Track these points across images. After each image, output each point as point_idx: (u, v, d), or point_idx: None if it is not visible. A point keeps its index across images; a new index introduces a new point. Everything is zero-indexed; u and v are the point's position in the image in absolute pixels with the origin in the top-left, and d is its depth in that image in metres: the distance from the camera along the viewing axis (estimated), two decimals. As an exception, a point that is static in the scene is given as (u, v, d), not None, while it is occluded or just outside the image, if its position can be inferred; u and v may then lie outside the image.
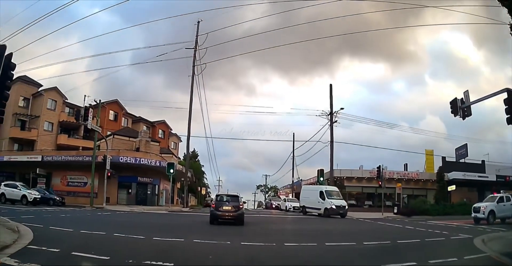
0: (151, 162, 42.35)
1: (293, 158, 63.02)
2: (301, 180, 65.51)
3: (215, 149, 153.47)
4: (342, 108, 41.60)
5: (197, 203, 74.01)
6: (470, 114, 18.19)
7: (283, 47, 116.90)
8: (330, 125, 41.21)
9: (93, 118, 35.79)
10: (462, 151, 51.90)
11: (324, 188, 34.81)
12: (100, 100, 40.73)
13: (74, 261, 8.49)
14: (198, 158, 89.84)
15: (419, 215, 35.94)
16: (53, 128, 54.81)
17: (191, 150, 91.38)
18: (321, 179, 42.48)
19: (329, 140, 41.15)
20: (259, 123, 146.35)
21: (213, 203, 20.78)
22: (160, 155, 47.17)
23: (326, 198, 32.02)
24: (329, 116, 41.49)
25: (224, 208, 19.58)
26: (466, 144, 51.75)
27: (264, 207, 66.85)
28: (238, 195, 21.16)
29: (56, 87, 54.22)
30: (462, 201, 42.34)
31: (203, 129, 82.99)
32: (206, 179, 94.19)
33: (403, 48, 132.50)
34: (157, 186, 46.41)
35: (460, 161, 51.88)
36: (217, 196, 21.86)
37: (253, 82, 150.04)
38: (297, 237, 15.29)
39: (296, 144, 59.02)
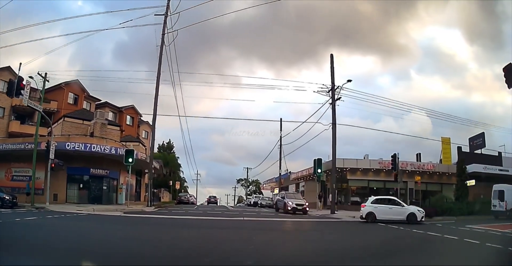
0: (105, 149, 35.12)
1: (280, 146, 56.53)
2: (289, 172, 60.14)
3: (195, 142, 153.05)
4: (349, 81, 34.70)
5: (171, 199, 67.93)
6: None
7: (270, 38, 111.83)
8: (331, 103, 34.31)
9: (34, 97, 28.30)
10: (478, 140, 47.07)
11: None
12: (46, 74, 33.70)
13: None
14: (174, 149, 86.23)
15: (441, 215, 30.87)
16: (4, 113, 47.27)
17: (166, 140, 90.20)
18: (319, 170, 35.57)
19: (331, 122, 34.26)
20: (244, 115, 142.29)
21: None
22: (121, 142, 39.94)
23: None
24: (330, 92, 34.51)
25: None
26: (483, 132, 47.03)
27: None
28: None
29: (9, 67, 46.50)
30: (479, 198, 37.40)
31: (183, 120, 75.38)
32: (183, 172, 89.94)
33: (393, 41, 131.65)
34: (116, 180, 38.80)
35: (475, 152, 46.29)
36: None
37: (238, 73, 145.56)
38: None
39: (287, 130, 52.06)
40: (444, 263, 10.31)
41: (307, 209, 32.72)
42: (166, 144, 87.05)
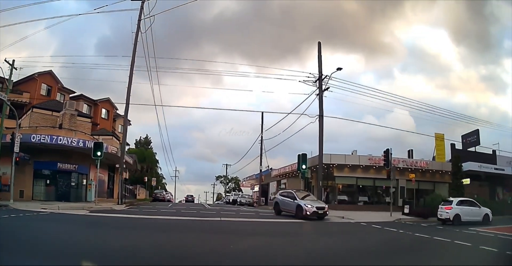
0: (72, 141, 32.13)
1: (261, 141, 54.03)
2: (271, 169, 57.41)
3: (175, 139, 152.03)
4: (339, 69, 32.16)
5: (148, 196, 65.02)
6: None
7: (253, 34, 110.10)
8: (318, 94, 31.95)
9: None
10: (471, 138, 45.45)
11: None
12: (13, 61, 31.15)
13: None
14: (151, 145, 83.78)
15: (436, 216, 27.75)
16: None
17: (143, 136, 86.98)
18: (303, 166, 32.88)
19: (318, 114, 31.87)
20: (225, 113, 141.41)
21: None
22: (93, 135, 37.13)
23: None
24: (317, 82, 32.12)
25: None
26: (478, 129, 45.33)
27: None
28: None
29: (-31, 52, 43.25)
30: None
31: (160, 112, 72.99)
32: (161, 168, 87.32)
33: (378, 40, 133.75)
34: (86, 176, 35.93)
35: (469, 150, 44.84)
36: None
37: (220, 69, 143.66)
38: None
39: (269, 126, 49.55)
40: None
41: (328, 212, 25.52)
42: (143, 139, 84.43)
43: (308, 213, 24.09)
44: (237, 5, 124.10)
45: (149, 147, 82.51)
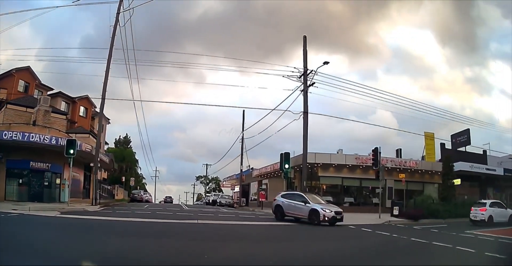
0: (45, 139, 30.32)
1: (242, 139, 52.43)
2: (252, 168, 56.01)
3: (156, 139, 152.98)
4: (326, 63, 30.74)
5: (126, 196, 63.26)
6: None
7: (237, 34, 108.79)
8: (303, 90, 30.69)
9: None
10: (461, 137, 44.65)
11: None
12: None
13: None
14: (131, 144, 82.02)
15: (427, 218, 27.92)
16: None
17: (123, 135, 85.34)
18: (286, 166, 31.27)
19: (302, 111, 30.59)
20: (207, 113, 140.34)
21: None
22: (68, 133, 35.50)
23: None
24: (301, 77, 30.83)
25: None
26: (468, 129, 44.57)
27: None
28: None
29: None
30: (464, 199, 35.65)
31: (143, 115, 71.66)
32: (140, 168, 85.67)
33: (362, 41, 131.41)
34: (60, 175, 34.21)
35: (459, 149, 44.14)
36: None
37: (203, 69, 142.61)
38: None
39: (254, 121, 48.15)
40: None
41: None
42: (123, 139, 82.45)
43: (326, 218, 21.44)
44: (221, 5, 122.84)
45: (129, 146, 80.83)
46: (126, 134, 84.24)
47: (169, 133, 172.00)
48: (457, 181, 34.24)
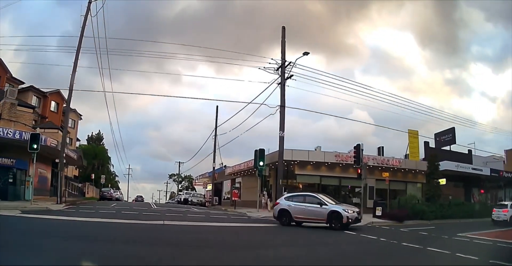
0: (8, 133, 28.29)
1: (215, 136, 50.24)
2: (224, 166, 54.50)
3: (131, 137, 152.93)
4: (306, 53, 29.11)
5: (97, 194, 61.28)
6: None
7: (214, 34, 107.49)
8: (280, 83, 29.43)
9: None
10: (446, 136, 44.20)
11: None
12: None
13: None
14: (103, 141, 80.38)
15: (412, 219, 26.41)
16: None
17: (92, 130, 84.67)
18: (261, 163, 29.66)
19: (279, 105, 29.17)
20: (181, 110, 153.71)
21: None
22: (35, 128, 33.58)
23: None
24: (279, 70, 29.47)
25: None
26: (454, 127, 44.46)
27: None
28: None
29: None
30: (448, 199, 34.02)
31: (115, 112, 69.75)
32: (113, 166, 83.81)
33: (341, 41, 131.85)
34: (26, 171, 32.21)
35: (443, 148, 44.05)
36: None
37: (179, 69, 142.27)
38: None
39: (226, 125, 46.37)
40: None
41: None
42: (95, 135, 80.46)
43: (350, 220, 19.10)
44: (199, 4, 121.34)
45: (101, 143, 78.99)
46: (99, 131, 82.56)
47: (144, 131, 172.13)
48: (443, 181, 33.13)
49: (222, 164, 55.09)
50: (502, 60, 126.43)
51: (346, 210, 19.35)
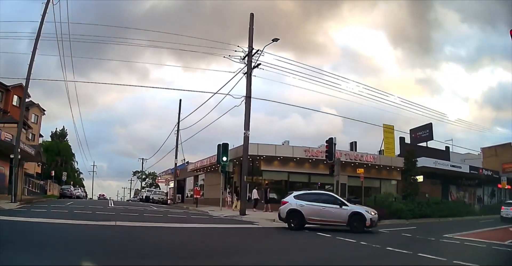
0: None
1: (177, 131, 48.00)
2: (187, 162, 52.19)
3: (97, 134, 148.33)
4: (276, 40, 26.06)
5: (59, 192, 57.85)
6: None
7: (182, 29, 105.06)
8: (246, 72, 26.70)
9: None
10: (423, 132, 42.99)
11: None
12: None
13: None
14: (67, 137, 76.71)
15: (389, 219, 23.87)
16: None
17: (60, 127, 79.42)
18: (224, 158, 27.72)
19: (245, 95, 26.34)
20: (148, 107, 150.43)
21: None
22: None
23: None
24: (245, 59, 26.71)
25: None
26: (431, 123, 42.61)
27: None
28: None
29: None
30: (425, 197, 32.41)
31: (78, 108, 66.40)
32: (77, 163, 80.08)
33: (310, 40, 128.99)
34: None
35: (419, 145, 42.33)
36: None
37: (146, 65, 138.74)
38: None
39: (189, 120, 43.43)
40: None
41: None
42: (59, 131, 76.64)
43: (373, 223, 17.26)
44: (168, 2, 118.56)
45: (65, 139, 75.38)
46: (63, 127, 78.74)
47: (111, 129, 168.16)
48: (420, 178, 31.45)
49: (184, 160, 53.21)
50: (476, 60, 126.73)
51: (369, 212, 17.41)
